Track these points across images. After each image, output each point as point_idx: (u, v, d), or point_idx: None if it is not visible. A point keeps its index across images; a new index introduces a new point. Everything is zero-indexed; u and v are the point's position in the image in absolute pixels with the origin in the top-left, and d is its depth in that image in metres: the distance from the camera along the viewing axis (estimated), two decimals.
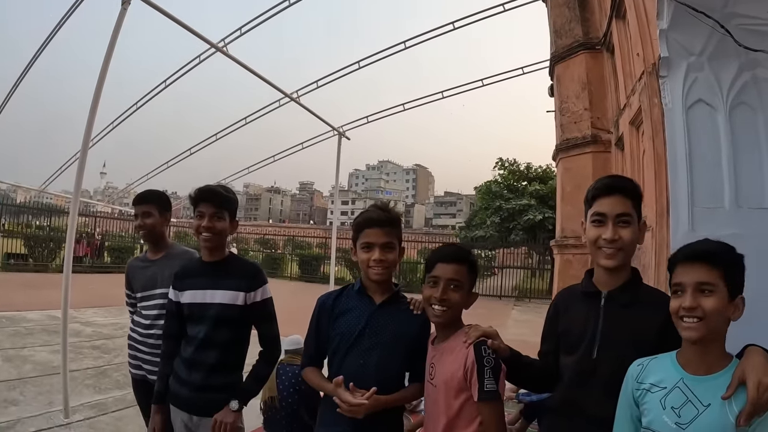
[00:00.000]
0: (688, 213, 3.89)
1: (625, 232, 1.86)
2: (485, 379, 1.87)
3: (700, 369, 1.55)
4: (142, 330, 3.15)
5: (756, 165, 3.89)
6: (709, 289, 1.52)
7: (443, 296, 2.02)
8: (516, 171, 31.07)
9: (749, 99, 3.92)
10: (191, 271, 2.71)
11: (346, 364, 2.23)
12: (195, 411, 2.57)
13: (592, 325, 1.90)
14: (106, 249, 23.74)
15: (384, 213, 2.29)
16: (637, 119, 5.22)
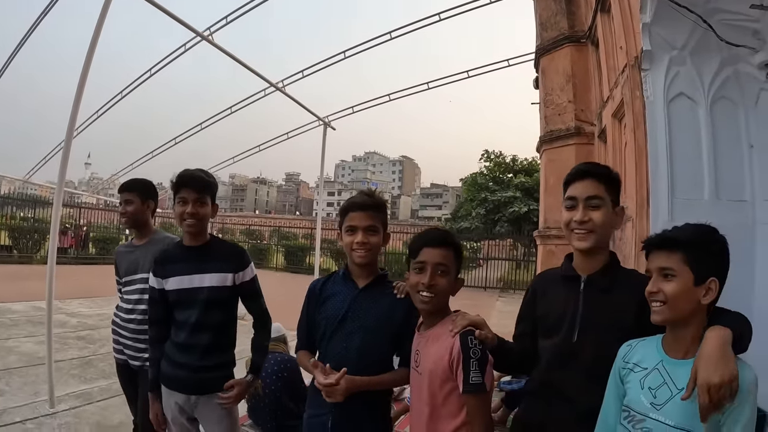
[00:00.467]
0: (668, 204, 3.97)
1: (596, 214, 1.90)
2: (471, 371, 1.84)
3: (678, 353, 1.60)
4: (124, 315, 3.18)
5: (736, 158, 3.97)
6: (670, 274, 1.58)
7: (431, 282, 1.97)
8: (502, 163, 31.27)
9: (730, 93, 3.99)
10: (174, 256, 2.71)
11: (330, 347, 2.27)
12: (193, 391, 2.62)
13: (572, 308, 1.93)
14: (91, 240, 23.47)
15: (368, 198, 2.33)
16: (619, 112, 5.29)
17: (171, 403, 2.65)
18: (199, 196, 2.60)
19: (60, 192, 5.13)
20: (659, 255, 1.62)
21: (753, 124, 3.95)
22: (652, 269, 1.63)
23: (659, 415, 1.55)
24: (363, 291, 2.30)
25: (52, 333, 4.82)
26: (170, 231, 21.89)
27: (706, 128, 4.00)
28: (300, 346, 2.47)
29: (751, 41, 3.65)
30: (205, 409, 2.64)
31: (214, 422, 2.66)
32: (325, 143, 11.11)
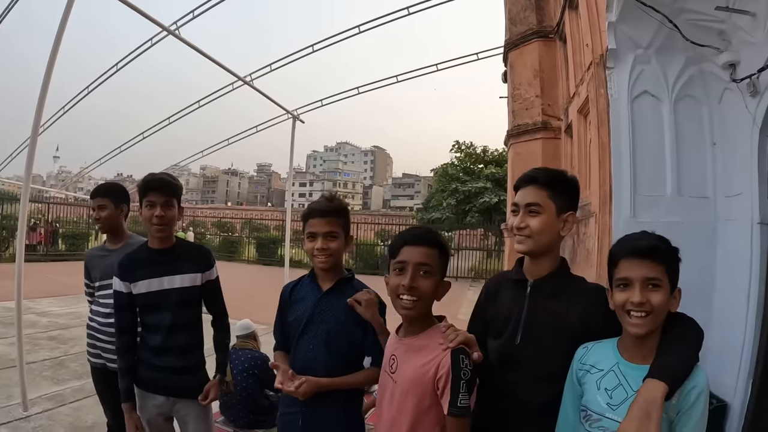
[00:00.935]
0: (631, 200, 4.06)
1: (533, 221, 1.90)
2: (460, 393, 1.72)
3: (636, 357, 1.64)
4: (101, 319, 3.15)
5: (699, 156, 4.05)
6: (656, 284, 1.59)
7: (412, 284, 1.81)
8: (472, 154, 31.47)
9: (694, 92, 4.07)
10: (141, 260, 2.69)
11: (298, 350, 2.32)
12: (174, 393, 2.66)
13: (516, 312, 1.96)
14: (60, 236, 22.89)
15: (327, 203, 2.34)
16: (584, 108, 5.37)
17: (149, 406, 2.68)
18: (166, 200, 2.61)
19: (27, 188, 5.05)
20: (645, 265, 1.60)
21: (716, 122, 4.03)
22: (635, 278, 1.60)
23: (615, 414, 1.59)
24: (326, 294, 2.33)
25: (22, 334, 4.76)
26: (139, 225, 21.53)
27: (670, 126, 4.07)
28: (276, 347, 2.51)
29: (716, 41, 3.70)
30: (184, 408, 2.70)
31: (192, 420, 2.71)
32: (294, 137, 11.04)
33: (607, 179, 4.14)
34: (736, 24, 3.49)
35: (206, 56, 8.32)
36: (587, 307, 1.81)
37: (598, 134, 4.38)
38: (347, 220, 2.40)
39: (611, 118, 4.15)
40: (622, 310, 1.63)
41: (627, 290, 1.61)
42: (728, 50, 3.70)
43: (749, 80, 3.53)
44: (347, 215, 2.42)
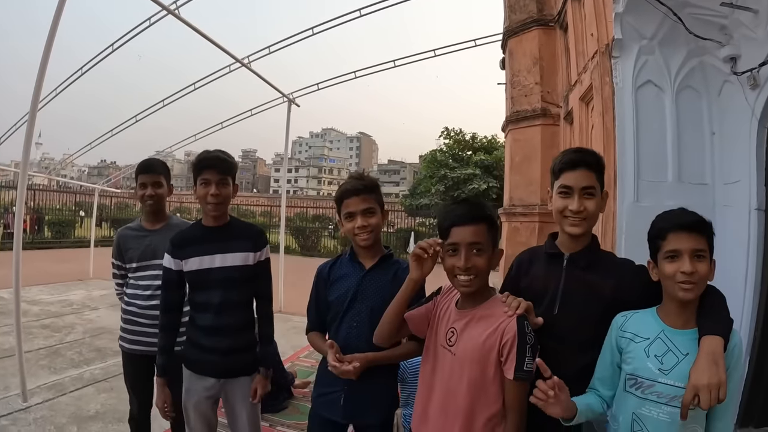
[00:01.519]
0: (634, 185, 4.18)
1: (590, 204, 2.02)
2: (526, 357, 1.76)
3: (678, 323, 1.78)
4: (142, 302, 3.12)
5: (698, 144, 4.20)
6: (702, 255, 1.73)
7: (467, 264, 1.84)
8: (461, 141, 31.41)
9: (695, 83, 4.21)
10: (193, 238, 2.70)
11: (341, 328, 2.36)
12: (224, 375, 2.66)
13: (554, 283, 2.06)
14: (46, 224, 22.59)
15: (359, 181, 2.38)
16: (587, 96, 5.46)
17: (198, 388, 2.67)
18: (221, 177, 2.61)
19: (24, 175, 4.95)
20: (694, 237, 1.73)
21: (716, 113, 4.18)
22: (684, 250, 1.72)
23: (668, 378, 1.72)
24: (369, 272, 2.37)
25: (21, 323, 4.68)
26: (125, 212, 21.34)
27: (671, 115, 4.21)
28: (311, 328, 2.53)
29: (718, 35, 3.84)
30: (232, 389, 2.69)
31: (239, 400, 2.70)
32: (289, 120, 11.01)
33: (612, 165, 4.25)
34: (738, 20, 3.61)
35: (206, 37, 8.27)
36: (620, 279, 1.95)
37: (603, 121, 4.49)
38: (380, 195, 2.44)
39: (616, 105, 4.26)
40: (671, 279, 1.75)
41: (677, 261, 1.74)
42: (730, 44, 3.83)
43: (750, 74, 3.66)
44: (380, 191, 2.45)
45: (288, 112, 10.90)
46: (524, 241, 7.56)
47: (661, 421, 1.72)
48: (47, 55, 4.77)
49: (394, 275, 2.35)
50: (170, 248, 2.69)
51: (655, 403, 1.74)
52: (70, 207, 24.79)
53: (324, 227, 27.07)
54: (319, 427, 2.44)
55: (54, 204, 24.80)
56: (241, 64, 9.76)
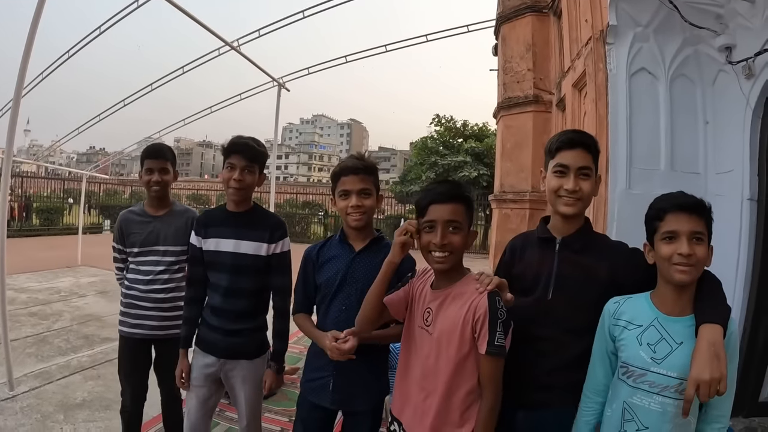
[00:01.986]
0: (626, 172, 4.19)
1: (585, 184, 1.99)
2: (497, 333, 1.78)
3: (674, 310, 1.73)
4: (143, 286, 3.08)
5: (691, 133, 4.20)
6: (700, 237, 1.68)
7: (443, 241, 1.86)
8: (452, 128, 31.31)
9: (690, 72, 4.20)
10: (216, 219, 2.73)
11: (330, 310, 2.34)
12: (224, 355, 2.68)
13: (547, 268, 2.04)
14: (34, 211, 22.16)
15: (359, 161, 2.35)
16: (580, 82, 5.44)
17: (200, 364, 2.71)
18: (247, 164, 2.60)
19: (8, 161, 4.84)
20: (693, 219, 1.68)
21: (709, 102, 4.18)
22: (682, 231, 1.68)
23: (661, 368, 1.68)
24: (359, 254, 2.35)
25: (6, 311, 4.61)
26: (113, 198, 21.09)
27: (665, 103, 4.20)
28: (298, 309, 2.51)
29: (714, 24, 3.82)
30: (232, 370, 2.69)
31: (238, 383, 2.71)
32: (279, 105, 10.90)
33: (604, 151, 4.24)
34: (734, 9, 3.61)
35: (194, 19, 8.14)
36: (615, 261, 1.91)
37: (596, 107, 4.47)
38: (377, 178, 2.41)
39: (609, 92, 4.25)
40: (668, 261, 1.70)
41: (674, 242, 1.69)
42: (725, 33, 3.83)
43: (745, 63, 3.65)
44: (377, 173, 2.42)
45: (278, 96, 10.78)
46: (515, 228, 7.57)
47: (652, 410, 1.69)
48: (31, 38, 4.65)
49: (384, 258, 2.26)
50: (195, 226, 2.77)
51: (646, 392, 1.70)
52: (58, 194, 24.54)
53: (314, 214, 26.97)
54: (308, 412, 2.42)
55: (42, 191, 24.43)
56: (230, 47, 9.63)
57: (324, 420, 2.42)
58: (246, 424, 2.76)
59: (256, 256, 2.64)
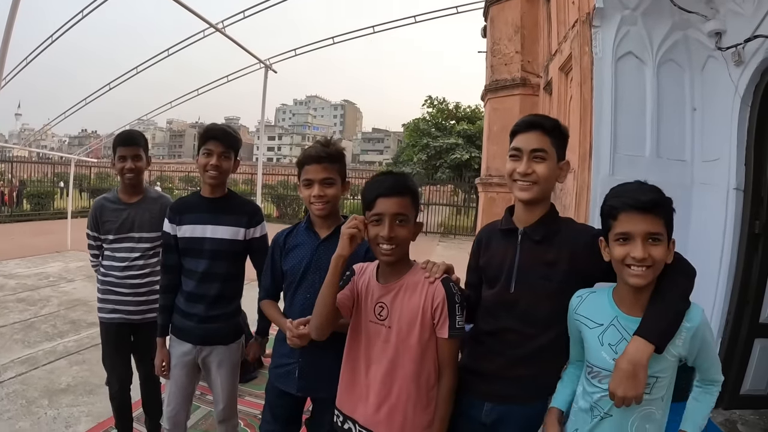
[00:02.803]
0: (610, 159, 4.11)
1: (540, 167, 1.90)
2: (456, 316, 1.86)
3: (634, 309, 1.65)
4: (118, 273, 3.10)
5: (678, 120, 4.12)
6: (657, 238, 1.56)
7: (391, 234, 1.88)
8: (445, 110, 31.30)
9: (678, 57, 4.11)
10: (191, 205, 2.75)
11: (296, 298, 2.33)
12: (200, 341, 2.71)
13: (509, 260, 1.98)
14: (25, 196, 21.99)
15: (323, 149, 2.32)
16: (566, 66, 5.34)
17: (177, 352, 2.74)
18: (224, 150, 2.65)
19: None
20: (648, 220, 1.56)
21: (698, 88, 4.09)
22: (637, 233, 1.57)
23: None
24: (324, 242, 2.32)
25: None
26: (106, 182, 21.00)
27: (652, 88, 4.11)
28: (264, 296, 2.52)
29: (704, 9, 3.73)
30: (209, 355, 2.73)
31: (214, 367, 2.75)
32: (266, 87, 10.78)
33: (588, 136, 4.17)
34: None
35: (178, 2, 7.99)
36: (576, 250, 1.83)
37: (581, 91, 4.38)
38: (344, 165, 2.40)
39: (594, 76, 4.16)
40: (621, 263, 1.61)
41: (628, 244, 1.59)
42: (715, 18, 3.75)
43: (734, 50, 3.58)
44: (343, 160, 2.41)
45: (264, 77, 10.66)
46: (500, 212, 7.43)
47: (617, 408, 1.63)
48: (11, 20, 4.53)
49: None
50: (169, 213, 2.76)
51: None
52: (50, 178, 24.37)
53: None
54: (277, 398, 2.43)
55: (33, 175, 24.28)
56: (215, 29, 9.48)
57: (292, 406, 2.44)
58: (222, 408, 2.80)
59: (233, 241, 2.68)
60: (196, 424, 3.80)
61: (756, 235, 3.74)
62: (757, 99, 3.65)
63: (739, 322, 3.81)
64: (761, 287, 3.79)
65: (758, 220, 3.73)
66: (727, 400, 3.82)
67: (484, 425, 2.00)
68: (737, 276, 3.79)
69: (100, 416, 3.83)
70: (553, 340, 1.90)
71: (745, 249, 3.76)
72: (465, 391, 2.04)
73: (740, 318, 3.81)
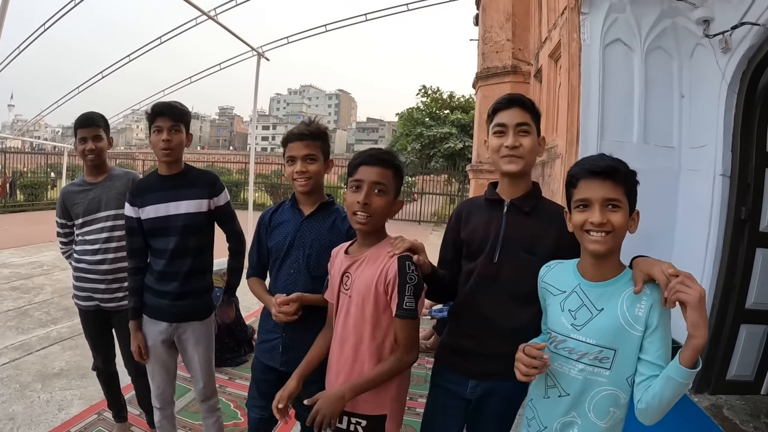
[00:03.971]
0: (597, 144, 4.14)
1: (526, 140, 1.95)
2: (405, 296, 1.84)
3: (596, 276, 1.66)
4: (91, 257, 3.10)
5: (666, 106, 4.15)
6: (616, 205, 1.57)
7: (366, 200, 1.89)
8: (439, 99, 31.24)
9: (666, 45, 4.13)
10: (149, 186, 2.74)
11: (280, 274, 2.37)
12: (176, 319, 2.72)
13: (494, 230, 2.00)
14: (18, 187, 21.68)
15: (305, 127, 2.37)
16: (556, 53, 5.35)
17: (152, 332, 2.74)
18: (173, 124, 2.63)
19: None
20: (605, 185, 1.57)
21: (686, 75, 4.12)
22: (594, 199, 1.58)
23: (580, 335, 1.63)
24: (308, 219, 2.36)
25: None
26: None
27: (640, 75, 4.13)
28: (251, 273, 2.55)
29: None
30: (185, 333, 2.75)
31: (191, 344, 2.77)
32: (258, 75, 10.72)
33: (575, 122, 4.19)
34: None
35: None
36: (561, 229, 1.83)
37: (569, 78, 4.39)
38: (326, 143, 2.42)
39: (582, 63, 4.18)
40: (581, 230, 1.62)
41: (586, 211, 1.60)
42: (703, 6, 3.76)
43: (722, 37, 3.59)
44: (326, 138, 2.43)
45: (257, 65, 10.58)
46: None
47: (572, 377, 1.64)
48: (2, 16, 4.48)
49: (332, 224, 2.37)
50: (129, 197, 2.74)
51: (566, 359, 1.66)
52: (43, 169, 24.21)
53: None
54: (262, 373, 2.47)
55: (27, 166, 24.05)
56: (207, 16, 9.42)
57: (278, 381, 2.40)
58: (203, 385, 2.83)
59: (197, 214, 2.69)
60: (186, 406, 3.85)
61: (742, 221, 3.77)
62: (744, 86, 3.67)
63: (725, 307, 3.84)
64: (747, 273, 3.82)
65: (744, 206, 3.76)
66: (714, 385, 3.87)
67: (469, 401, 2.04)
68: (723, 262, 3.82)
69: (92, 399, 3.87)
70: (535, 316, 1.91)
71: (731, 235, 3.79)
72: (448, 369, 2.08)
73: (726, 304, 3.84)
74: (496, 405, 2.01)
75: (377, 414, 1.94)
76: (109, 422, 3.51)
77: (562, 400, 1.68)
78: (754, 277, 3.83)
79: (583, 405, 1.64)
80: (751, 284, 3.84)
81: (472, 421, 2.09)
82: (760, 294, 3.84)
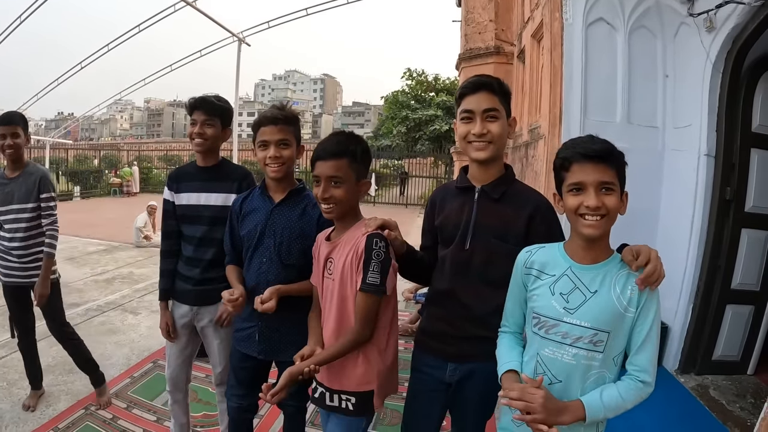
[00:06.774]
0: (580, 124, 4.11)
1: (494, 126, 1.90)
2: (370, 271, 1.87)
3: (587, 259, 1.63)
4: (7, 243, 3.46)
5: (650, 86, 4.11)
6: (610, 188, 1.55)
7: (325, 195, 1.95)
8: (424, 82, 31.12)
9: (650, 24, 4.08)
10: (187, 174, 2.83)
11: (252, 263, 2.35)
12: (196, 302, 2.80)
13: (465, 217, 1.98)
14: None
15: (279, 111, 2.33)
16: (538, 33, 5.32)
17: (177, 314, 2.85)
18: (207, 118, 2.69)
19: None
20: (600, 168, 1.55)
21: (670, 55, 4.07)
22: (589, 182, 1.55)
23: (574, 318, 1.60)
24: (278, 206, 2.34)
25: None
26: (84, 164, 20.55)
27: (623, 55, 4.08)
28: (228, 261, 2.54)
29: None
30: (204, 317, 2.81)
31: (213, 330, 2.81)
32: (239, 60, 10.63)
33: (558, 102, 4.16)
34: None
35: None
36: (534, 211, 1.84)
37: (551, 57, 4.36)
38: (298, 128, 2.39)
39: (565, 42, 4.13)
40: (575, 214, 1.60)
41: (581, 194, 1.58)
42: None
43: (706, 15, 3.55)
44: (298, 123, 2.41)
45: (238, 51, 10.52)
46: None
47: (565, 363, 1.62)
48: None
49: (303, 211, 2.35)
50: (167, 181, 2.86)
51: (558, 344, 1.63)
52: None
53: None
54: (239, 362, 2.48)
55: None
56: (185, 2, 9.29)
57: (256, 369, 2.47)
58: (221, 371, 2.88)
59: (225, 207, 2.69)
60: None
61: (727, 201, 3.76)
62: (729, 65, 3.64)
63: (711, 288, 3.84)
64: (732, 253, 3.82)
65: (729, 186, 3.74)
66: (700, 365, 3.87)
67: (449, 385, 2.03)
68: (708, 242, 3.81)
69: (79, 394, 3.88)
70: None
71: (716, 215, 3.78)
72: (426, 353, 2.08)
73: (711, 284, 3.84)
74: (476, 388, 2.00)
75: (365, 390, 1.98)
76: (97, 417, 3.57)
77: (553, 387, 1.64)
78: (740, 258, 3.82)
79: (576, 392, 1.62)
80: (737, 264, 3.84)
81: (453, 405, 2.09)
82: (745, 274, 3.84)
